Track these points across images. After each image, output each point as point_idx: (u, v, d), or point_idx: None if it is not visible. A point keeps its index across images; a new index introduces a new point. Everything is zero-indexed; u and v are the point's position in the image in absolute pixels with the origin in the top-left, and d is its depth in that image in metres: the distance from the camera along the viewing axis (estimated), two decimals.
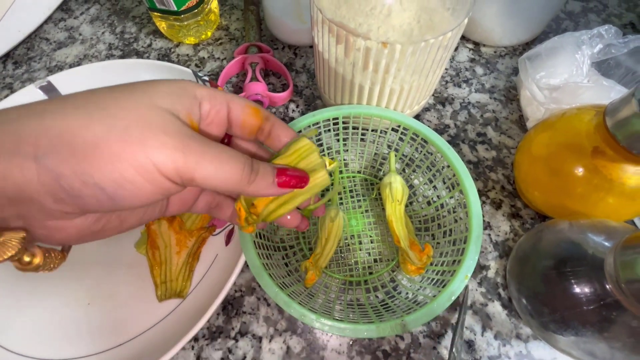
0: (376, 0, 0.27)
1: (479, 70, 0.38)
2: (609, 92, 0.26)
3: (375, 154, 0.31)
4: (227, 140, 0.20)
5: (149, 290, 0.27)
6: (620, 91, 0.26)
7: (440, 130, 0.34)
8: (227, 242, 0.28)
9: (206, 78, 0.33)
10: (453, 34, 0.24)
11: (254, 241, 0.23)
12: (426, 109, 0.35)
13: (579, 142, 0.23)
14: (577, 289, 0.19)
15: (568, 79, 0.27)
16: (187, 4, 0.36)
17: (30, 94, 0.34)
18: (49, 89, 0.34)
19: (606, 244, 0.20)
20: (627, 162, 0.21)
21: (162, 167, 0.13)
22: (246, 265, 0.28)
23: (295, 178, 0.17)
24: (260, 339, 0.25)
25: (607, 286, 0.18)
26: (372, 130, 0.30)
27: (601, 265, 0.19)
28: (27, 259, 0.13)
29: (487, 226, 0.29)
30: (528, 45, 0.39)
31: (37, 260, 0.14)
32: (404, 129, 0.28)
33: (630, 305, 0.17)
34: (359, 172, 0.32)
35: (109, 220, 0.15)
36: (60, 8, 0.44)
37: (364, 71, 0.26)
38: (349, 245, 0.29)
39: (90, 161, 0.12)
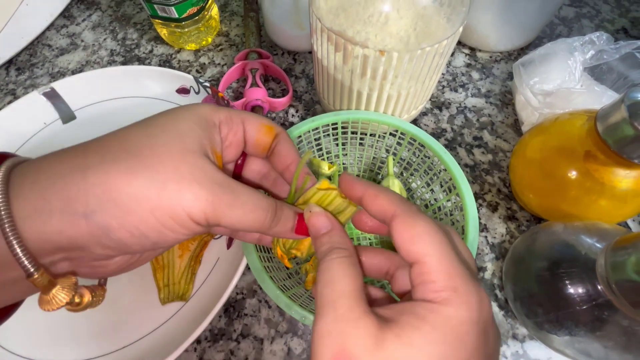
0: (374, 8, 0.28)
1: (475, 75, 0.38)
2: (600, 97, 0.26)
3: (374, 157, 0.32)
4: (242, 158, 0.20)
5: (152, 293, 0.27)
6: (612, 96, 0.27)
7: (437, 134, 0.35)
8: (229, 245, 0.29)
9: (207, 84, 0.34)
10: (448, 42, 0.24)
11: (255, 245, 0.24)
12: (423, 114, 0.36)
13: (572, 146, 0.24)
14: (571, 290, 0.20)
15: (561, 84, 0.28)
16: (188, 12, 0.36)
17: (34, 100, 0.34)
18: (52, 95, 0.35)
19: (598, 245, 0.21)
20: (618, 165, 0.22)
21: (194, 217, 0.14)
22: (247, 268, 0.28)
23: None
24: (261, 340, 0.26)
25: (599, 286, 0.18)
26: (371, 135, 0.31)
27: (593, 267, 0.19)
28: (77, 300, 0.14)
29: (483, 228, 0.30)
30: (523, 50, 0.40)
31: (86, 299, 0.15)
32: (402, 133, 0.29)
33: (621, 305, 0.17)
34: (358, 175, 0.32)
35: (140, 255, 0.17)
36: (62, 15, 0.45)
37: (362, 78, 0.26)
38: None
39: (134, 214, 0.13)
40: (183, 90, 0.35)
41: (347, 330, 0.12)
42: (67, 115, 0.35)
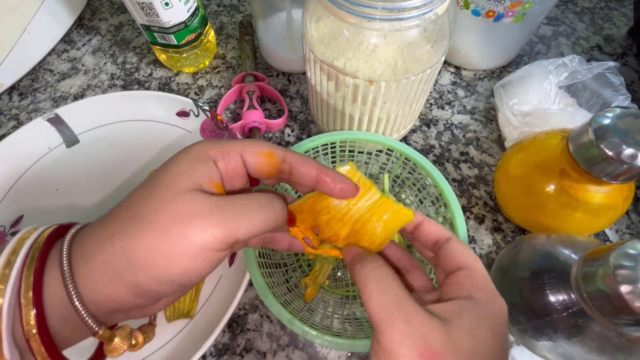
0: (363, 36, 0.30)
1: (461, 92, 0.41)
2: (574, 117, 0.28)
3: (370, 174, 0.34)
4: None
5: None
6: (585, 116, 0.29)
7: (426, 150, 0.37)
8: (231, 263, 0.30)
9: (206, 107, 0.35)
10: (432, 70, 0.26)
11: (258, 262, 0.25)
12: (413, 131, 0.38)
13: (548, 163, 0.26)
14: (549, 299, 0.22)
15: (538, 105, 0.30)
16: (186, 38, 0.38)
17: (38, 126, 0.35)
18: (56, 120, 0.36)
19: (573, 257, 0.22)
20: (589, 183, 0.24)
21: (208, 246, 0.14)
22: (249, 284, 0.30)
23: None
24: (264, 354, 0.27)
25: (573, 296, 0.20)
26: (368, 153, 0.32)
27: (568, 277, 0.21)
28: (134, 342, 0.16)
29: (471, 240, 0.32)
30: (505, 68, 0.42)
31: (140, 339, 0.17)
32: (392, 151, 0.30)
33: (592, 312, 0.19)
34: None
35: None
36: (62, 40, 0.47)
37: (353, 103, 0.28)
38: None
39: (155, 267, 0.14)
40: (183, 114, 0.37)
41: (424, 331, 0.14)
42: (70, 140, 0.37)
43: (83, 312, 0.14)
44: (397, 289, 0.15)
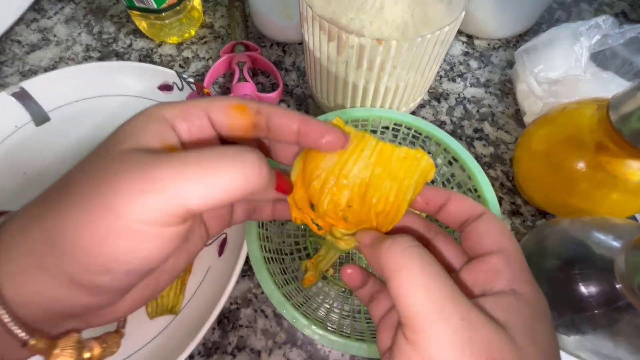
0: None
1: (473, 64, 0.37)
2: (608, 85, 0.25)
3: None
4: None
5: None
6: (620, 84, 0.25)
7: (437, 127, 0.33)
8: (220, 252, 0.27)
9: (191, 80, 0.32)
10: (450, 28, 0.23)
11: (259, 232, 0.22)
12: (421, 106, 0.34)
13: (581, 137, 0.23)
14: (586, 292, 0.19)
15: (567, 71, 0.26)
16: (167, 2, 0.34)
17: (2, 101, 0.31)
18: (22, 95, 0.32)
19: (614, 243, 0.19)
20: (631, 157, 0.21)
21: (148, 220, 0.11)
22: (241, 276, 0.27)
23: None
24: (259, 353, 0.24)
25: (618, 287, 0.17)
26: (372, 131, 0.29)
27: (610, 267, 0.18)
28: (86, 355, 0.13)
29: None
30: (521, 37, 0.39)
31: (96, 351, 0.13)
32: (408, 128, 0.27)
33: None
34: None
35: (156, 280, 0.14)
36: (32, 8, 0.42)
37: (358, 69, 0.25)
38: (353, 256, 0.28)
39: (83, 251, 0.11)
40: (165, 87, 0.33)
41: (487, 336, 0.11)
42: (39, 117, 0.33)
43: (2, 316, 0.11)
44: (445, 277, 0.12)
